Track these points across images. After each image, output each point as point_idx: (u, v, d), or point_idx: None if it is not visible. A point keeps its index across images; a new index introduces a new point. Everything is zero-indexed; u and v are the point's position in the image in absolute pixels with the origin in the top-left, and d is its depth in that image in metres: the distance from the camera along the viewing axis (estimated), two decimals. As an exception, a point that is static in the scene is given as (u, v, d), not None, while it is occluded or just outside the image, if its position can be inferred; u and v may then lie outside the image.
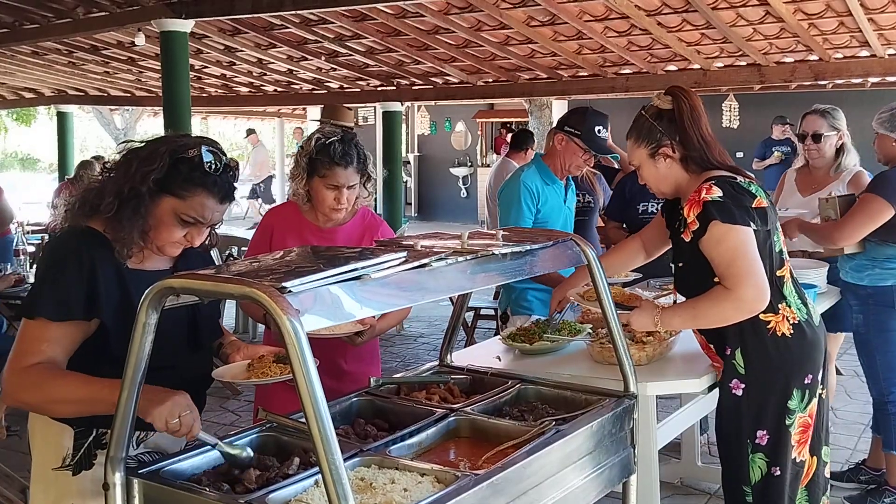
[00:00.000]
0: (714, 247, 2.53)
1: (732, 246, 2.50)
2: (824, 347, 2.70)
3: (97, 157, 10.45)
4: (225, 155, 2.14)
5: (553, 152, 3.84)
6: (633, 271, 3.86)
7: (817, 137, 4.20)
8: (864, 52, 7.90)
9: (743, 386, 2.60)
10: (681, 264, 2.70)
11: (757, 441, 2.60)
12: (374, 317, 2.74)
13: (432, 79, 10.57)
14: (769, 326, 2.58)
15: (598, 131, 3.73)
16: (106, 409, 1.85)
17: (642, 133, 2.70)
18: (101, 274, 2.04)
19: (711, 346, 2.70)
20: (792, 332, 2.59)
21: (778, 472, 2.60)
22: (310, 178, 2.92)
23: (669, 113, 2.65)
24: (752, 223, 2.53)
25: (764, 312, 2.57)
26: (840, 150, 4.24)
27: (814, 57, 8.04)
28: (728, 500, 2.71)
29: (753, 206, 2.55)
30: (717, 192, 2.52)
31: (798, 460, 2.64)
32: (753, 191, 2.59)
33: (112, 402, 1.78)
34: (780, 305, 2.60)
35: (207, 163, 2.08)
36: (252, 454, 1.92)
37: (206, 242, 2.26)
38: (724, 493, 2.74)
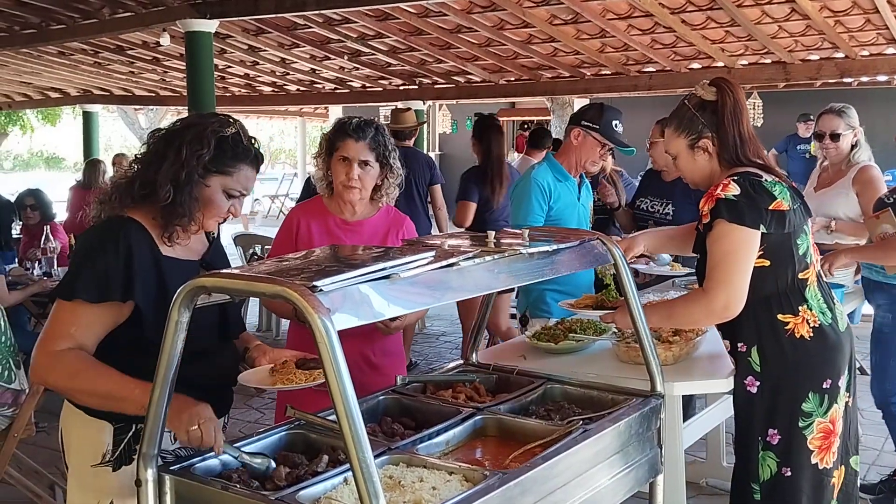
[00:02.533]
0: (712, 243, 2.52)
1: (727, 248, 2.49)
2: (850, 354, 2.65)
3: (120, 155, 10.57)
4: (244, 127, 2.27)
5: (568, 148, 3.82)
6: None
7: (835, 136, 4.26)
8: (891, 50, 7.82)
9: (758, 384, 2.58)
10: (698, 255, 2.68)
11: (768, 439, 2.57)
12: None
13: (454, 78, 10.58)
14: (787, 328, 2.55)
15: (615, 125, 3.72)
16: (134, 409, 1.91)
17: (683, 122, 2.67)
18: (138, 258, 2.09)
19: (726, 341, 2.68)
20: (812, 335, 2.55)
21: (789, 474, 2.55)
22: (329, 157, 2.94)
23: (713, 105, 2.61)
24: (762, 226, 2.48)
25: (783, 313, 2.54)
26: (854, 147, 4.29)
27: (840, 54, 7.97)
28: (735, 496, 2.67)
29: (771, 207, 2.49)
30: (733, 191, 2.49)
31: (821, 467, 2.57)
32: (776, 192, 2.53)
33: (141, 403, 1.81)
34: (800, 308, 2.56)
35: (247, 138, 2.22)
36: (273, 465, 1.89)
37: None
38: (731, 489, 2.70)
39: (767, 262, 2.53)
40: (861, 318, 5.04)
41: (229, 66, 11.00)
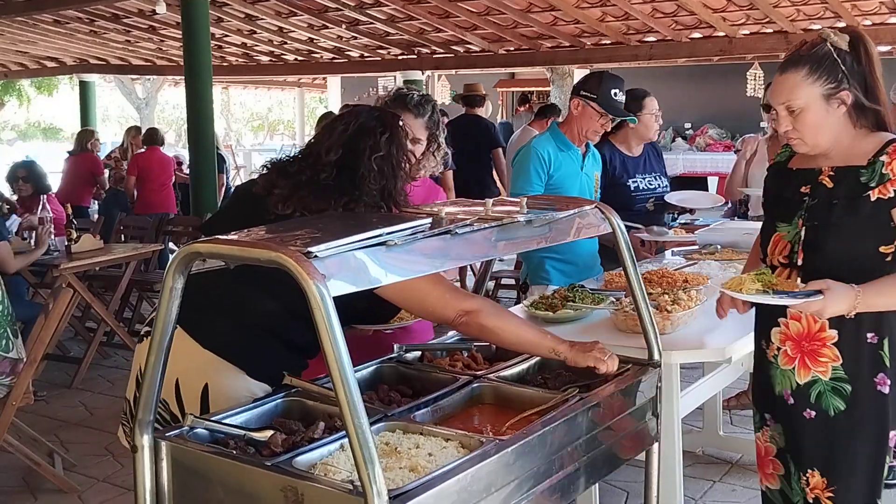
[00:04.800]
0: None
1: None
2: None
3: (134, 128, 10.55)
4: None
5: (570, 119, 3.81)
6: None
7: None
8: (894, 19, 7.77)
9: (889, 382, 2.18)
10: (847, 223, 2.19)
11: (891, 444, 2.21)
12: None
13: (453, 47, 10.51)
14: None
15: (615, 94, 3.69)
16: (544, 352, 2.27)
17: (823, 67, 2.19)
18: None
19: (836, 332, 2.20)
20: None
21: None
22: None
23: (850, 55, 2.20)
24: None
25: None
26: None
27: (842, 24, 7.90)
28: None
29: None
30: None
31: None
32: None
33: (550, 347, 2.22)
34: None
35: None
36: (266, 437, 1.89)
37: None
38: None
39: None
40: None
41: (226, 35, 10.92)
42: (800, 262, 2.24)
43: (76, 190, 8.83)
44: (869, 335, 2.19)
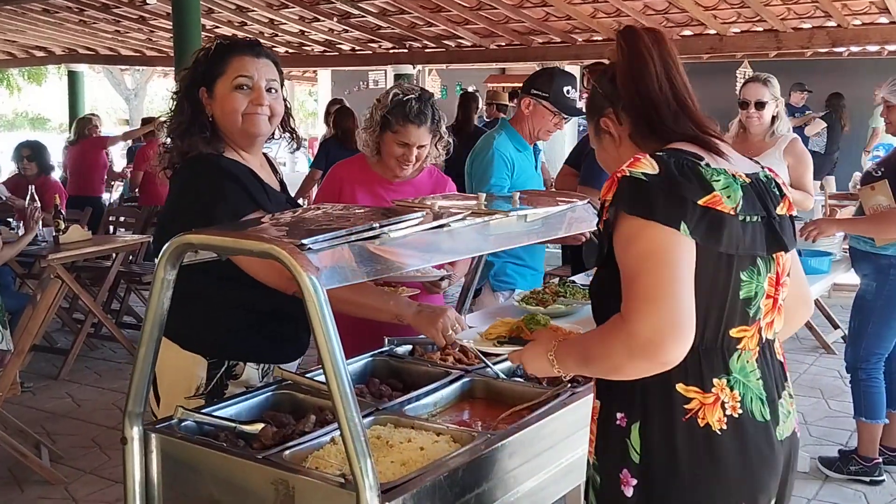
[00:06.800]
0: (622, 249, 1.56)
1: (642, 252, 1.52)
2: (782, 472, 1.69)
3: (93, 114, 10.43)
4: None
5: (521, 118, 3.60)
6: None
7: (760, 105, 4.34)
8: (883, 19, 7.80)
9: (634, 482, 1.60)
10: (595, 270, 1.76)
11: None
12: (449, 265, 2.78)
13: (445, 42, 10.50)
14: (687, 407, 1.57)
15: (567, 92, 3.52)
16: (388, 318, 2.25)
17: (587, 102, 1.86)
18: None
19: (599, 404, 1.68)
20: (724, 428, 1.58)
21: None
22: (382, 131, 2.92)
23: (612, 68, 1.77)
24: (683, 225, 1.52)
25: (685, 383, 1.57)
26: (775, 118, 4.39)
27: (832, 23, 7.94)
28: None
29: (701, 202, 1.54)
30: (646, 168, 1.56)
31: None
32: (718, 184, 1.58)
33: (395, 313, 2.22)
34: (715, 380, 1.58)
35: None
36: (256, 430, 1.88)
37: None
38: None
39: None
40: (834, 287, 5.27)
41: (217, 27, 10.87)
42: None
43: (86, 181, 8.30)
44: (618, 414, 1.63)
